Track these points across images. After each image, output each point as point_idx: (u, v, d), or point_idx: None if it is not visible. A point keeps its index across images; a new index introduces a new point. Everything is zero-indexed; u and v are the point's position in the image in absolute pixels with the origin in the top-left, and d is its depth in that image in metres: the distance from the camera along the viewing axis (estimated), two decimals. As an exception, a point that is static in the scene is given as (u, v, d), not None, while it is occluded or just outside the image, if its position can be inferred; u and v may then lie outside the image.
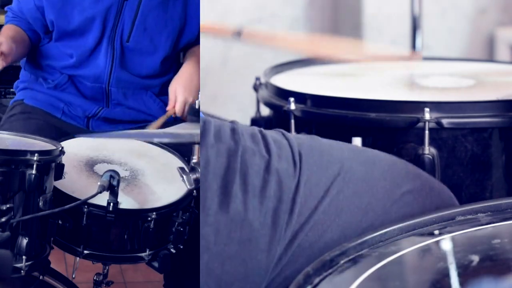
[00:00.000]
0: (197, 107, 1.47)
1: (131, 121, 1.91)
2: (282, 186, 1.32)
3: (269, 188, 1.31)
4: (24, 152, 1.36)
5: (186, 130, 1.40)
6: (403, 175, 1.39)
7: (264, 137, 1.37)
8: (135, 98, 1.93)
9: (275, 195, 1.31)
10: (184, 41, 1.94)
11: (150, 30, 1.88)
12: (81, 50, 1.89)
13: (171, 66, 1.95)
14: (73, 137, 1.74)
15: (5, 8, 2.00)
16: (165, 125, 1.78)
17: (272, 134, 1.39)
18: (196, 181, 1.46)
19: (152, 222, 1.50)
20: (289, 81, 1.84)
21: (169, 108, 1.82)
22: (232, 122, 1.39)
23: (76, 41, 1.88)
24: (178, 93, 1.82)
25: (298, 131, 1.62)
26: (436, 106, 1.52)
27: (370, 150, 1.47)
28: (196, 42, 1.96)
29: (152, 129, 1.77)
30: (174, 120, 1.83)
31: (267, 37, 1.76)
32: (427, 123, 1.50)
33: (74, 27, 1.87)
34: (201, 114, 1.41)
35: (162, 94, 1.94)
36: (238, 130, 1.36)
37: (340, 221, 1.32)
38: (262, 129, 1.40)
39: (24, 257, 1.36)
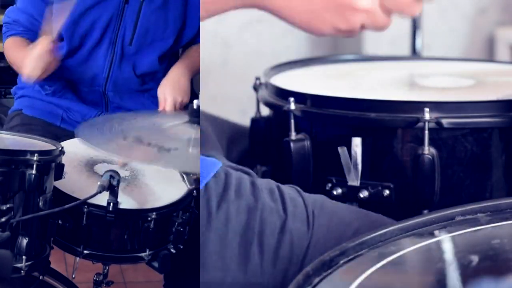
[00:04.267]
0: (195, 107, 1.47)
1: None
2: (293, 247, 1.35)
3: (282, 249, 1.35)
4: (24, 152, 1.36)
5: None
6: None
7: (281, 194, 1.40)
8: (133, 100, 1.93)
9: (287, 256, 1.35)
10: (183, 41, 1.94)
11: (152, 32, 1.88)
12: (79, 54, 1.88)
13: (169, 67, 1.95)
14: (73, 137, 1.74)
15: (5, 20, 1.96)
16: None
17: (289, 191, 1.42)
18: (196, 181, 1.46)
19: (152, 222, 1.50)
20: (289, 81, 1.84)
21: (160, 109, 1.82)
22: (250, 174, 1.41)
23: (75, 45, 1.88)
24: (166, 93, 1.83)
25: (298, 131, 1.62)
26: (436, 106, 1.51)
27: (375, 214, 1.49)
28: (194, 41, 1.96)
29: None
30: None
31: None
32: (426, 123, 1.50)
33: (74, 31, 1.86)
34: (217, 163, 1.41)
35: None
36: (258, 185, 1.38)
37: None
38: (279, 184, 1.43)
39: (24, 257, 1.36)
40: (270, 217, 1.36)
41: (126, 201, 1.51)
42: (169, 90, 1.84)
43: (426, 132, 1.50)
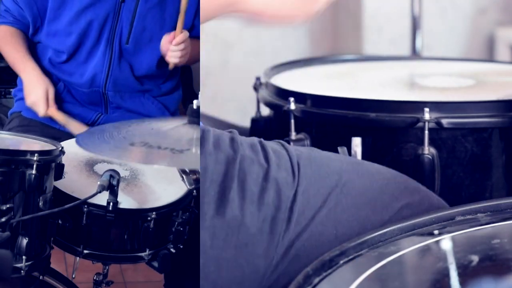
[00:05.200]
0: (195, 107, 1.47)
1: None
2: (280, 194, 1.33)
3: (267, 196, 1.32)
4: (24, 152, 1.36)
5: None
6: (401, 189, 1.39)
7: (263, 147, 1.38)
8: (133, 100, 1.93)
9: (273, 203, 1.32)
10: None
11: (149, 30, 1.88)
12: (78, 54, 1.88)
13: (167, 70, 1.95)
14: (73, 137, 1.74)
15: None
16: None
17: (272, 145, 1.40)
18: (196, 181, 1.46)
19: (152, 222, 1.50)
20: (289, 81, 1.85)
21: (169, 38, 1.80)
22: (231, 131, 1.39)
23: (74, 45, 1.88)
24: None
25: (298, 131, 1.62)
26: (436, 106, 1.52)
27: (369, 163, 1.47)
28: (191, 34, 1.96)
29: None
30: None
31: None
32: (426, 123, 1.50)
33: (71, 31, 1.86)
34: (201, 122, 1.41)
35: (160, 96, 1.94)
36: (237, 139, 1.37)
37: (338, 233, 1.32)
38: (261, 139, 1.41)
39: (24, 257, 1.36)
40: (251, 166, 1.34)
41: (126, 201, 1.51)
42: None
43: (426, 132, 1.50)
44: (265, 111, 1.83)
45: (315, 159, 1.40)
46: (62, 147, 1.46)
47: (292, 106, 1.63)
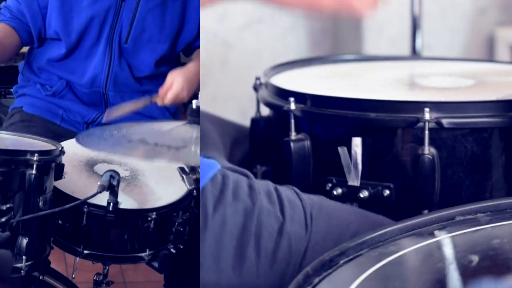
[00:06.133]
0: (195, 107, 1.47)
1: None
2: (292, 250, 1.36)
3: (280, 252, 1.35)
4: (24, 152, 1.36)
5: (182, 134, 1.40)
6: None
7: (279, 197, 1.39)
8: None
9: (285, 259, 1.35)
10: (183, 42, 1.94)
11: (149, 31, 1.88)
12: (78, 52, 1.88)
13: (169, 69, 1.94)
14: (73, 136, 1.74)
15: (1, 5, 1.97)
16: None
17: (287, 193, 1.42)
18: (196, 181, 1.46)
19: (152, 222, 1.50)
20: (289, 81, 1.84)
21: (161, 92, 1.80)
22: (248, 176, 1.40)
23: (73, 43, 1.88)
24: (175, 81, 1.80)
25: (298, 131, 1.62)
26: (436, 106, 1.52)
27: (375, 214, 1.49)
28: (196, 43, 1.96)
29: (128, 107, 1.77)
30: (173, 119, 1.84)
31: None
32: (427, 123, 1.50)
33: (71, 28, 1.86)
34: (215, 164, 1.41)
35: None
36: (255, 187, 1.38)
37: None
38: (276, 186, 1.43)
39: (24, 257, 1.36)
40: (268, 219, 1.36)
41: (126, 201, 1.51)
42: (180, 79, 1.80)
43: (426, 132, 1.50)
44: (265, 111, 1.83)
45: (325, 210, 1.43)
46: (62, 147, 1.46)
47: (292, 106, 1.63)
